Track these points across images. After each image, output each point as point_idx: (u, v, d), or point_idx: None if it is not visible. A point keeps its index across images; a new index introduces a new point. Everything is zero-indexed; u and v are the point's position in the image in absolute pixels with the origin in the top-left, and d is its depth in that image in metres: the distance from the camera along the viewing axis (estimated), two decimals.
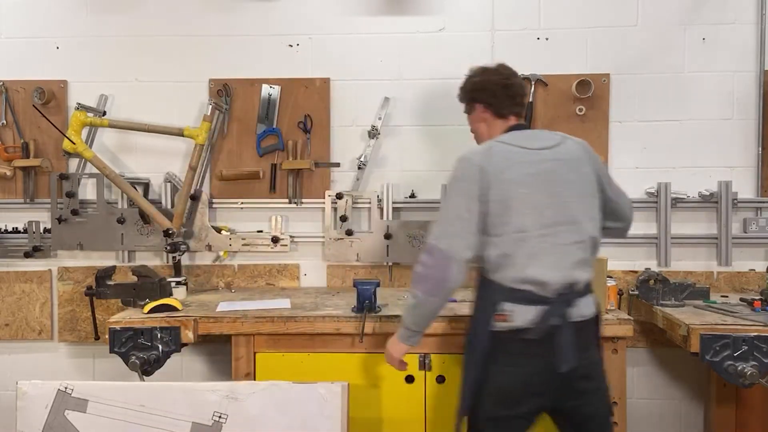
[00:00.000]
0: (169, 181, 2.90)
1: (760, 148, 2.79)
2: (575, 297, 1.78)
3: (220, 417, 2.05)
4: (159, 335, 2.24)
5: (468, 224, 1.77)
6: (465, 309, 2.34)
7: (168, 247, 2.74)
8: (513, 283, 1.76)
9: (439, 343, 2.29)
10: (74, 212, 2.84)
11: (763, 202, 2.79)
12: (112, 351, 2.24)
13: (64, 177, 2.86)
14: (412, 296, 1.85)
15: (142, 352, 2.22)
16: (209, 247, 2.87)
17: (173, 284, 2.59)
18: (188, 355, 2.94)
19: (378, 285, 2.33)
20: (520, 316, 1.75)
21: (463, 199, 1.78)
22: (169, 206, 2.87)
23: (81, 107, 2.75)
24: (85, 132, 2.85)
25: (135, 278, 2.50)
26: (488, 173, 1.77)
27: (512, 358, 1.77)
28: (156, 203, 2.87)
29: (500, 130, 1.94)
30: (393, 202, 2.86)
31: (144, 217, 2.81)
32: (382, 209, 2.86)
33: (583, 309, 1.79)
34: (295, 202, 2.90)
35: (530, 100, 2.80)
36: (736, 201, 2.76)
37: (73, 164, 2.91)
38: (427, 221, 2.82)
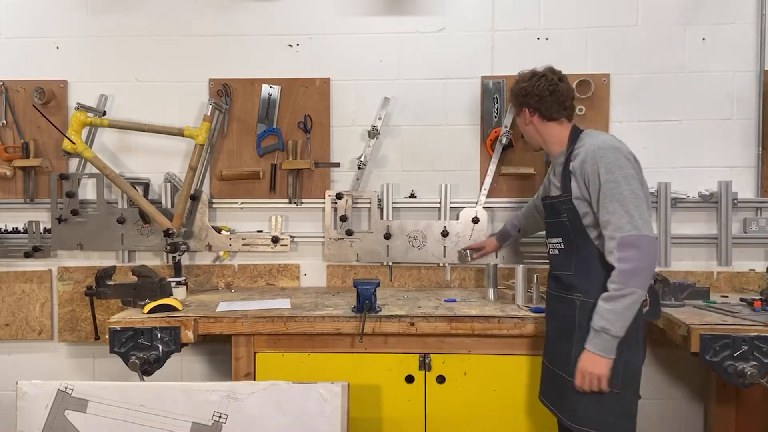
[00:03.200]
0: (169, 181, 2.90)
1: (760, 148, 2.79)
2: None
3: (220, 417, 2.05)
4: (159, 335, 2.23)
5: (648, 207, 1.84)
6: (465, 309, 2.34)
7: (168, 247, 2.74)
8: None
9: (439, 343, 2.29)
10: (74, 212, 2.84)
11: (763, 202, 2.79)
12: (112, 351, 2.24)
13: (64, 177, 2.86)
14: (626, 295, 1.76)
15: (142, 352, 2.22)
16: (209, 247, 2.87)
17: (173, 284, 2.59)
18: (188, 355, 2.95)
19: (378, 285, 2.32)
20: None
21: (636, 183, 1.82)
22: (169, 206, 2.87)
23: (81, 107, 2.75)
24: (85, 132, 2.86)
25: (135, 278, 2.50)
26: (637, 161, 1.88)
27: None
28: (156, 203, 2.87)
29: (558, 131, 2.06)
30: (393, 202, 2.86)
31: (144, 217, 2.81)
32: (382, 209, 2.86)
33: None
34: (295, 202, 2.90)
35: None
36: (736, 201, 2.76)
37: (73, 164, 2.92)
38: (427, 222, 2.83)
